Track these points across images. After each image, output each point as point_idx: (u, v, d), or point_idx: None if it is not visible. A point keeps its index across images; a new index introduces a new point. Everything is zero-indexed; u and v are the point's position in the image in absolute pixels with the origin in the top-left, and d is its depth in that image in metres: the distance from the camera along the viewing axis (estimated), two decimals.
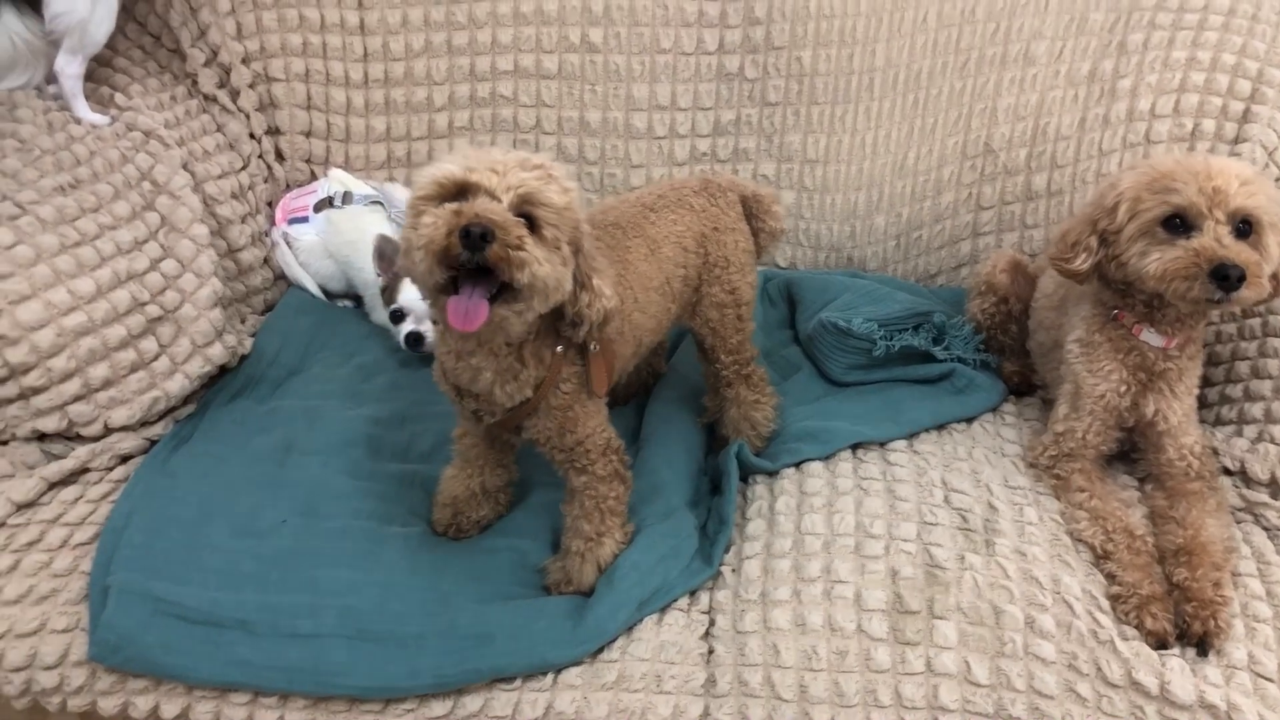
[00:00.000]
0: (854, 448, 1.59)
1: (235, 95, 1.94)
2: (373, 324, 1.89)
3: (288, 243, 1.92)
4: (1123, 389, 1.50)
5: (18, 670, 1.32)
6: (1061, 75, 1.97)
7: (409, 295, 1.72)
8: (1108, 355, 1.50)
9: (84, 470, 1.48)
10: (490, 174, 1.13)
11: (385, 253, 1.74)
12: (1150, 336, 1.47)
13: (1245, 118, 1.87)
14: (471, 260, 1.11)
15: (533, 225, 1.14)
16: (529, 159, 1.17)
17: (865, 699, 1.28)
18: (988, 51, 1.98)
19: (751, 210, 1.56)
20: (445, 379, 1.33)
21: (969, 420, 1.69)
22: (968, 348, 1.78)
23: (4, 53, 1.70)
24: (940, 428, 1.66)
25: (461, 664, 1.28)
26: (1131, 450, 1.59)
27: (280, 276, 1.92)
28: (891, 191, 2.03)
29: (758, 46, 1.99)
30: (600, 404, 1.36)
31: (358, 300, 1.97)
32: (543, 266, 1.13)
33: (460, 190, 1.14)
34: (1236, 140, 1.86)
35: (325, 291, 1.95)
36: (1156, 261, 1.39)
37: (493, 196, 1.13)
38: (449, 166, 1.15)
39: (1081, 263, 1.48)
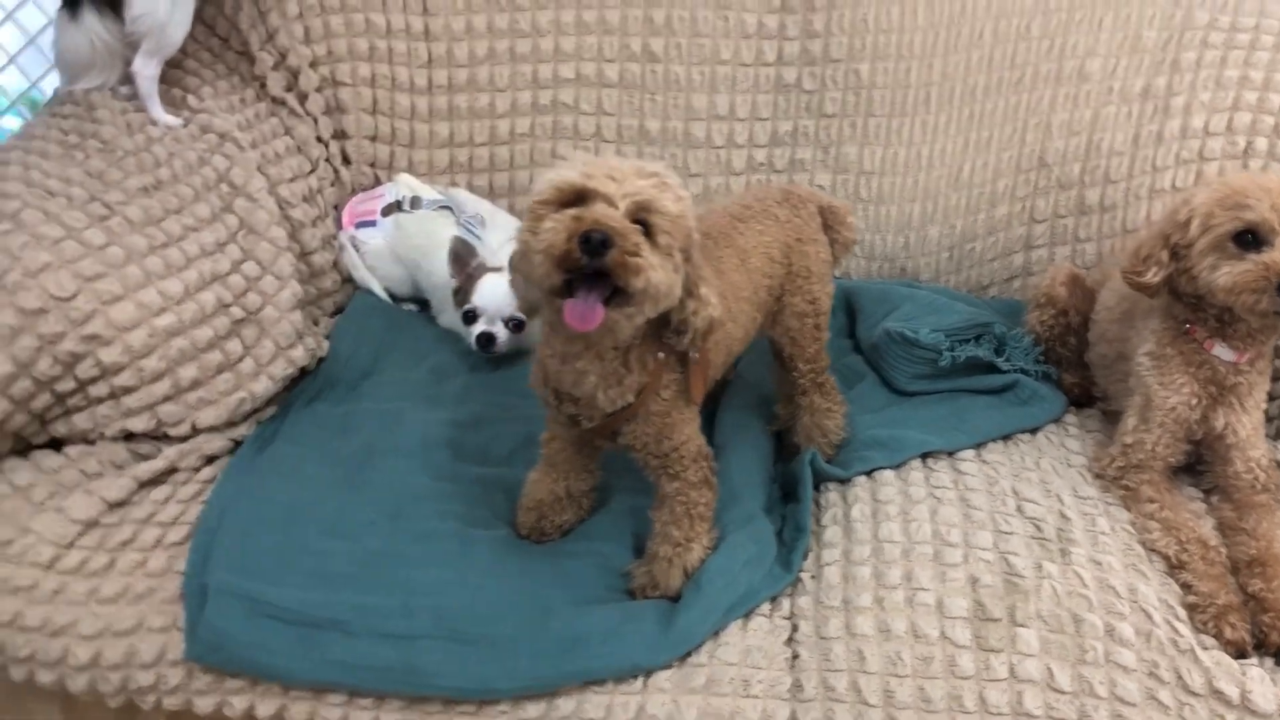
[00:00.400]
0: (923, 457, 1.61)
1: (303, 99, 1.95)
2: (440, 327, 1.91)
3: (355, 246, 1.93)
4: (1193, 402, 1.53)
5: (115, 668, 1.33)
6: (1115, 92, 2.01)
7: (483, 296, 1.74)
8: (1179, 369, 1.53)
9: (172, 470, 1.49)
10: (608, 181, 1.16)
11: (460, 255, 1.76)
12: (1222, 351, 1.51)
13: None
14: (589, 265, 1.13)
15: (647, 232, 1.16)
16: (644, 167, 1.19)
17: (950, 704, 1.29)
18: (1042, 68, 2.02)
19: (826, 221, 1.58)
20: (545, 383, 1.35)
21: (1033, 431, 1.71)
22: (1028, 359, 1.81)
23: (83, 53, 1.71)
24: (1006, 438, 1.68)
25: (556, 667, 1.30)
26: (1197, 463, 1.62)
27: (347, 279, 1.94)
28: (946, 204, 2.06)
29: (816, 59, 2.01)
30: (695, 411, 1.38)
31: (422, 304, 1.99)
32: (657, 273, 1.15)
33: (578, 196, 1.17)
34: None
35: (391, 295, 1.97)
36: (1226, 275, 1.43)
37: (610, 203, 1.15)
38: (568, 173, 1.17)
39: (1152, 276, 1.51)
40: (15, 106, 2.99)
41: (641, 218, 1.16)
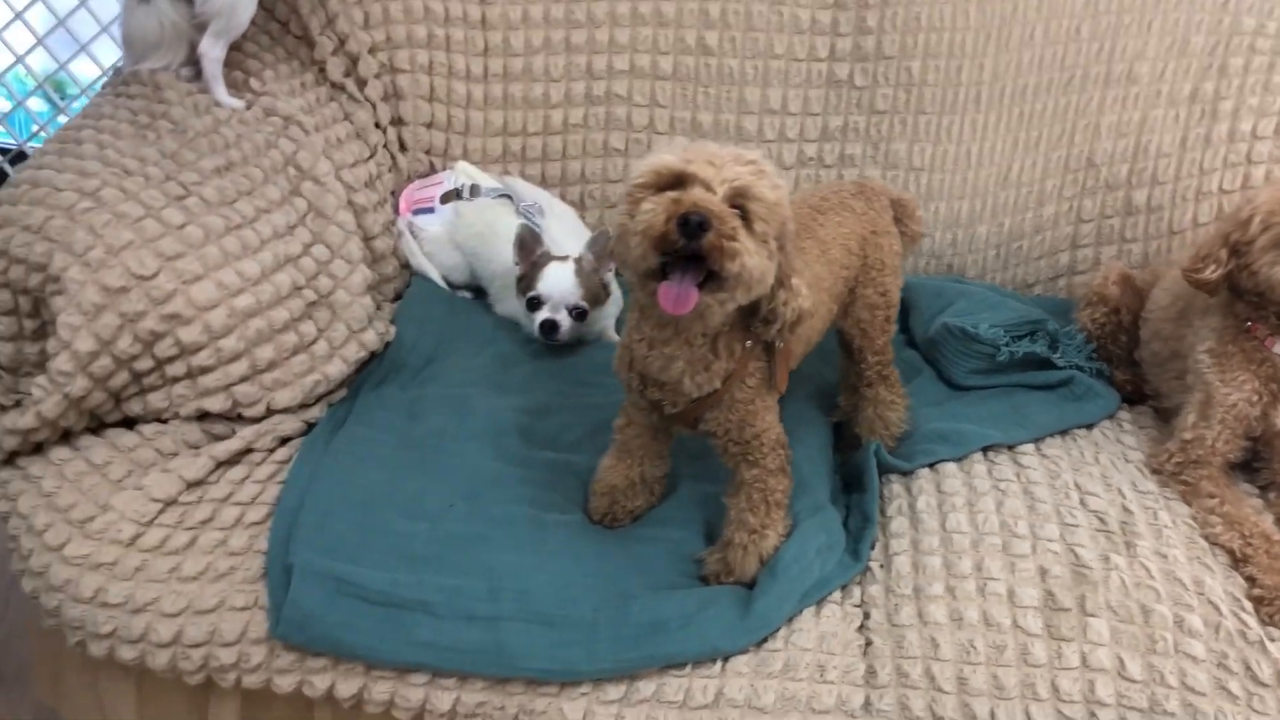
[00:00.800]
0: (984, 450, 1.63)
1: (362, 84, 1.95)
2: (497, 315, 1.92)
3: (412, 233, 1.93)
4: (1254, 399, 1.55)
5: (196, 646, 1.33)
6: (1163, 95, 2.04)
7: (548, 284, 1.75)
8: (1240, 366, 1.56)
9: (248, 450, 1.49)
10: (707, 166, 1.17)
11: (526, 242, 1.77)
12: None
13: None
14: (686, 248, 1.14)
15: (744, 218, 1.18)
16: (743, 154, 1.20)
17: (1024, 691, 1.31)
18: (1092, 70, 2.04)
19: (896, 215, 1.60)
20: (630, 367, 1.36)
21: (1089, 426, 1.73)
22: (1080, 356, 1.83)
23: (152, 34, 1.71)
24: (1063, 433, 1.70)
25: (637, 649, 1.31)
26: (1253, 459, 1.65)
27: (404, 266, 1.94)
28: (995, 202, 2.08)
29: (868, 55, 2.03)
30: (776, 400, 1.39)
31: (477, 291, 2.00)
32: (752, 258, 1.17)
33: (677, 180, 1.18)
34: None
35: (447, 282, 1.97)
36: None
37: (708, 188, 1.16)
38: (667, 157, 1.19)
39: (1211, 273, 1.54)
40: (42, 88, 2.98)
41: (739, 204, 1.17)
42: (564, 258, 1.77)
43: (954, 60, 2.02)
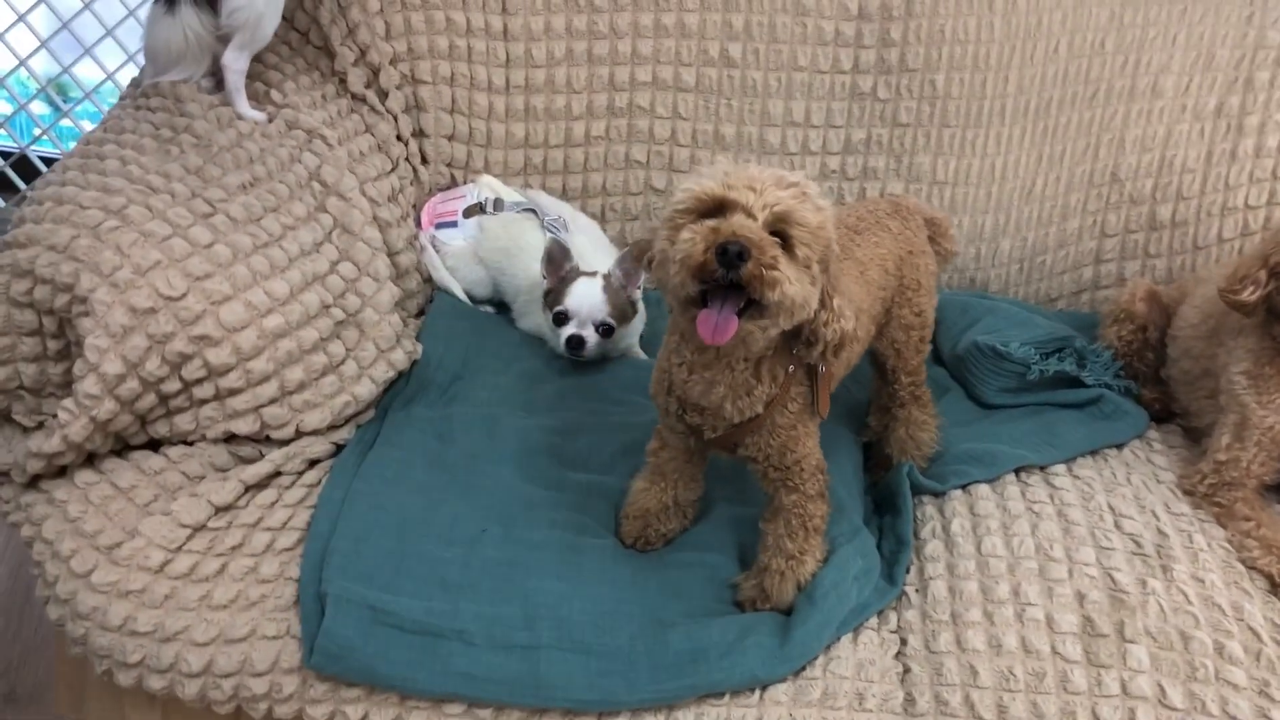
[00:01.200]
0: (1016, 471, 1.62)
1: (383, 96, 1.93)
2: (521, 331, 1.90)
3: (435, 247, 1.91)
4: None
5: (227, 676, 1.31)
6: (1188, 110, 2.03)
7: (575, 299, 1.73)
8: (1279, 388, 1.55)
9: (276, 474, 1.47)
10: (748, 191, 1.15)
11: (555, 257, 1.75)
12: None
13: None
14: (725, 277, 1.13)
15: (785, 243, 1.16)
16: (784, 176, 1.18)
17: (1064, 719, 1.30)
18: (1116, 83, 2.03)
19: (930, 233, 1.59)
20: (668, 391, 1.34)
21: (1119, 446, 1.73)
22: (1108, 373, 1.82)
23: (176, 45, 1.68)
24: (1094, 453, 1.69)
25: (677, 679, 1.29)
26: None
27: (427, 280, 1.91)
28: (1018, 216, 2.07)
29: (891, 68, 2.01)
30: (817, 425, 1.38)
31: (499, 306, 1.97)
32: (793, 286, 1.15)
33: (718, 206, 1.16)
34: None
35: (470, 296, 1.95)
36: None
37: (749, 214, 1.14)
38: (708, 182, 1.17)
39: (1249, 295, 1.53)
40: (45, 91, 2.95)
41: (780, 229, 1.15)
42: (592, 274, 1.75)
43: (978, 73, 2.00)
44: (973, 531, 1.50)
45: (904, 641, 1.39)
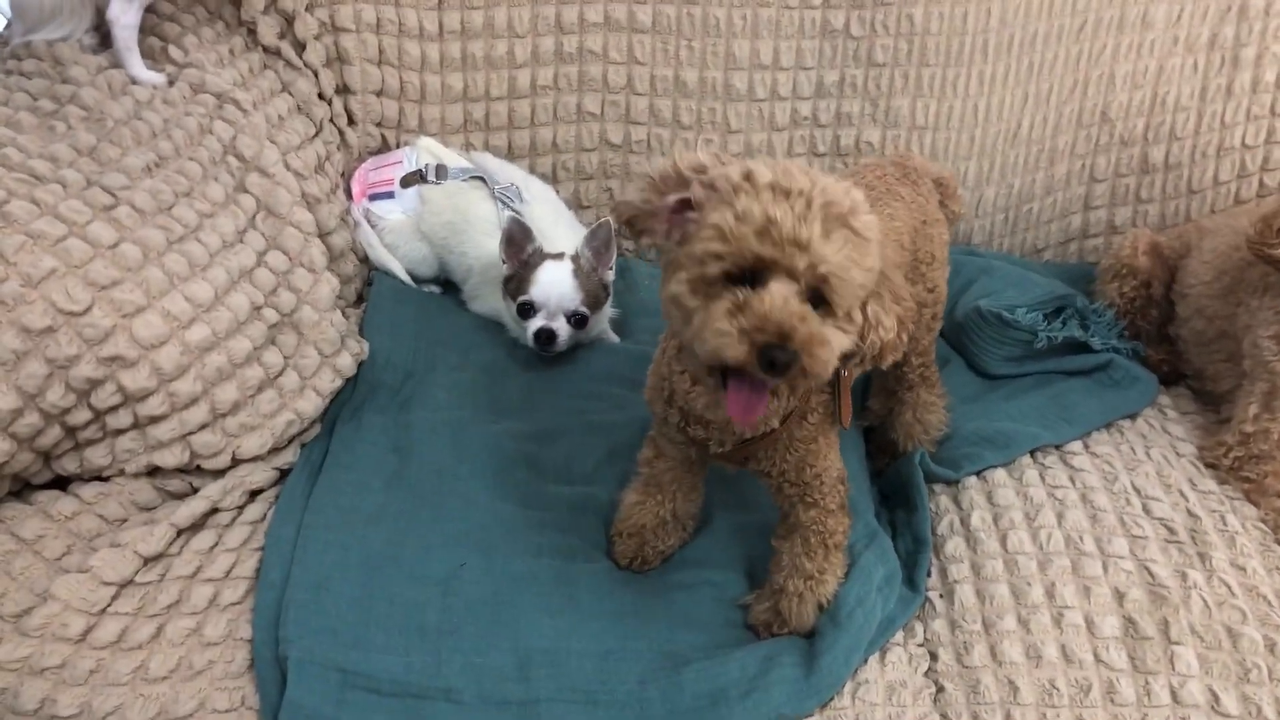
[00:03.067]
0: (1032, 452, 1.50)
1: (300, 48, 1.67)
2: (473, 314, 1.69)
3: (370, 222, 1.68)
4: None
5: None
6: (1180, 41, 1.89)
7: (542, 288, 1.53)
8: None
9: (213, 511, 1.25)
10: (793, 250, 0.93)
11: (515, 237, 1.53)
12: None
13: None
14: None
15: (827, 300, 0.97)
16: (833, 203, 0.95)
17: None
18: (1105, 14, 1.88)
19: (938, 194, 1.42)
20: (668, 402, 1.16)
21: (1132, 416, 1.61)
22: (1112, 334, 1.70)
23: None
24: (1108, 425, 1.58)
25: None
26: None
27: (362, 260, 1.68)
28: (1003, 161, 1.92)
29: (865, 2, 1.82)
30: (837, 435, 1.22)
31: (445, 285, 1.76)
32: (833, 351, 0.97)
33: (755, 261, 0.95)
34: None
35: (412, 276, 1.72)
36: None
37: (792, 276, 0.94)
38: (748, 235, 0.94)
39: None
40: None
41: (824, 290, 0.96)
42: (559, 256, 1.55)
43: (959, 5, 1.82)
44: (995, 525, 1.38)
45: (934, 656, 1.26)
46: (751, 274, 0.95)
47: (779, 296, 0.93)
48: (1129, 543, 1.34)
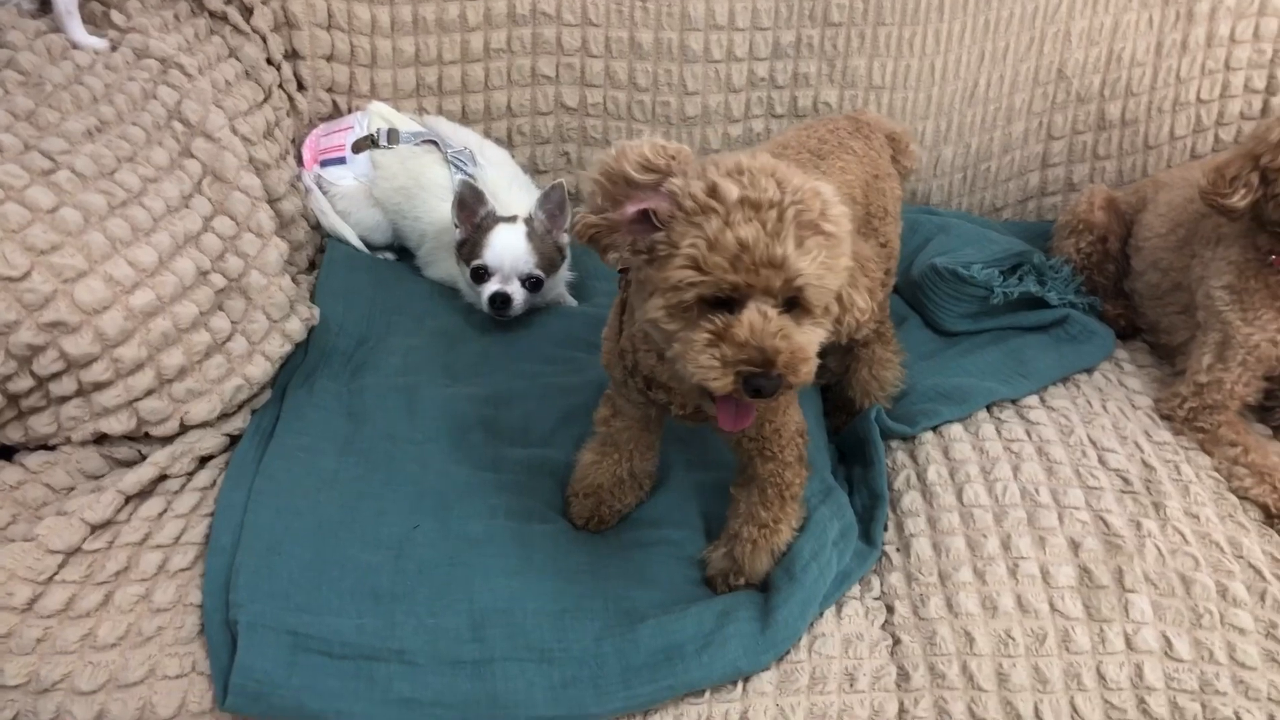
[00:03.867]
0: (988, 406, 1.50)
1: (248, 13, 1.65)
2: (428, 279, 1.67)
3: (322, 188, 1.66)
4: (1278, 336, 1.44)
5: None
6: None
7: (495, 252, 1.51)
8: (1265, 303, 1.44)
9: (162, 478, 1.24)
10: (769, 273, 0.93)
11: (468, 202, 1.52)
12: None
13: None
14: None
15: (803, 302, 0.97)
16: (804, 209, 0.93)
17: (1068, 683, 1.20)
18: None
19: (891, 151, 1.42)
20: (628, 370, 1.15)
21: (1089, 370, 1.62)
22: (1070, 290, 1.70)
23: None
24: (1065, 379, 1.58)
25: (652, 681, 1.14)
26: (1266, 399, 1.55)
27: (315, 227, 1.67)
28: (961, 120, 1.92)
29: None
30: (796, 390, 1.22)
31: (400, 251, 1.74)
32: (813, 352, 0.98)
33: (731, 288, 0.95)
34: None
35: (365, 243, 1.71)
36: None
37: (768, 294, 0.94)
38: (722, 264, 0.92)
39: (1240, 199, 1.40)
40: None
41: (798, 296, 0.96)
42: (512, 219, 1.54)
43: None
44: (951, 479, 1.39)
45: (890, 609, 1.27)
46: (729, 297, 0.95)
47: (758, 322, 0.94)
48: (1084, 494, 1.35)
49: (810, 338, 0.98)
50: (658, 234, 0.96)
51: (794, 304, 0.96)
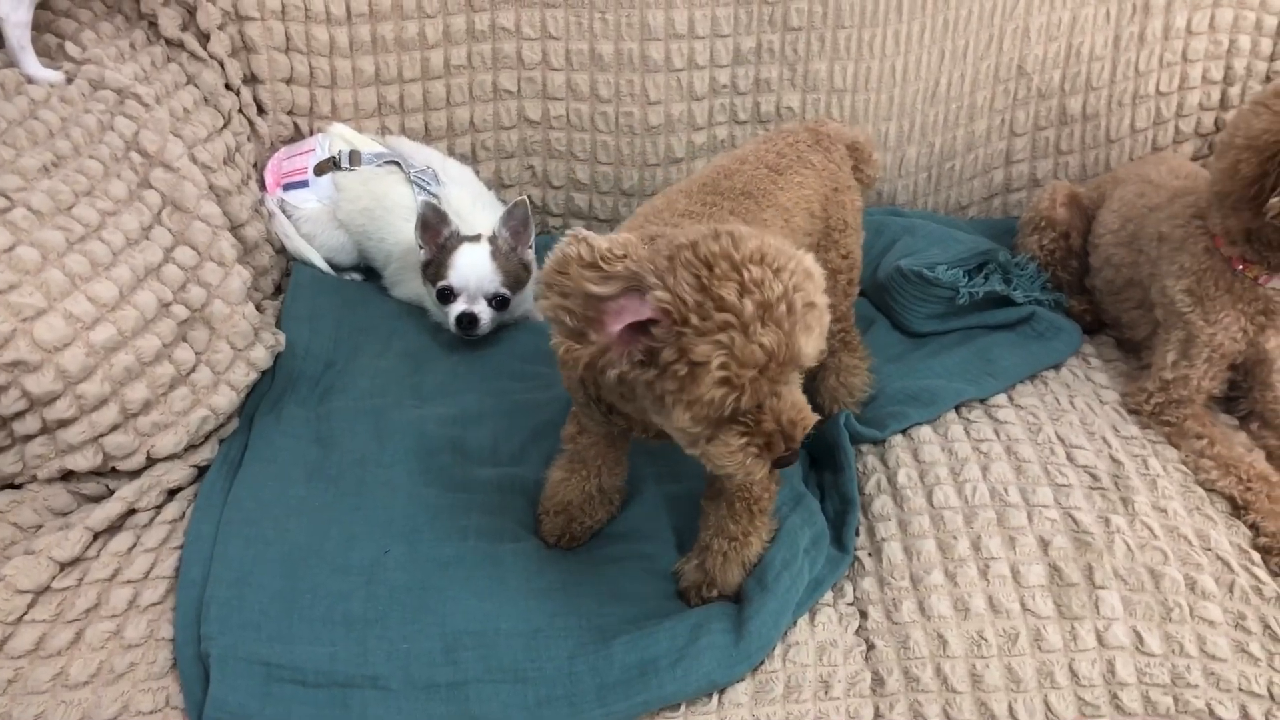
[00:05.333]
0: (957, 408, 1.51)
1: (204, 39, 1.64)
2: (396, 299, 1.67)
3: (285, 212, 1.65)
4: (1240, 335, 1.46)
5: None
6: None
7: (460, 273, 1.51)
8: (1227, 305, 1.45)
9: (130, 512, 1.24)
10: (789, 368, 0.95)
11: (430, 221, 1.52)
12: (1278, 283, 1.43)
13: None
14: None
15: None
16: (803, 292, 0.93)
17: (1041, 681, 1.20)
18: None
19: (852, 160, 1.42)
20: (595, 400, 1.15)
21: (1056, 366, 1.63)
22: (1035, 287, 1.71)
23: None
24: (1032, 377, 1.59)
25: (627, 697, 1.14)
26: (1231, 389, 1.56)
27: (279, 251, 1.66)
28: (923, 120, 1.92)
29: None
30: None
31: (367, 272, 1.74)
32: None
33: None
34: (1273, 57, 1.84)
35: (332, 265, 1.71)
36: None
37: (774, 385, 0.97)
38: (754, 378, 0.92)
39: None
40: None
41: None
42: (476, 238, 1.53)
43: None
44: (921, 481, 1.39)
45: (864, 615, 1.27)
46: None
47: (789, 409, 1.00)
48: (1053, 491, 1.36)
49: (799, 389, 1.03)
50: (657, 345, 0.94)
51: None
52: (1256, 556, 1.32)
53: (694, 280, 0.91)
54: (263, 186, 1.68)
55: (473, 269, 1.52)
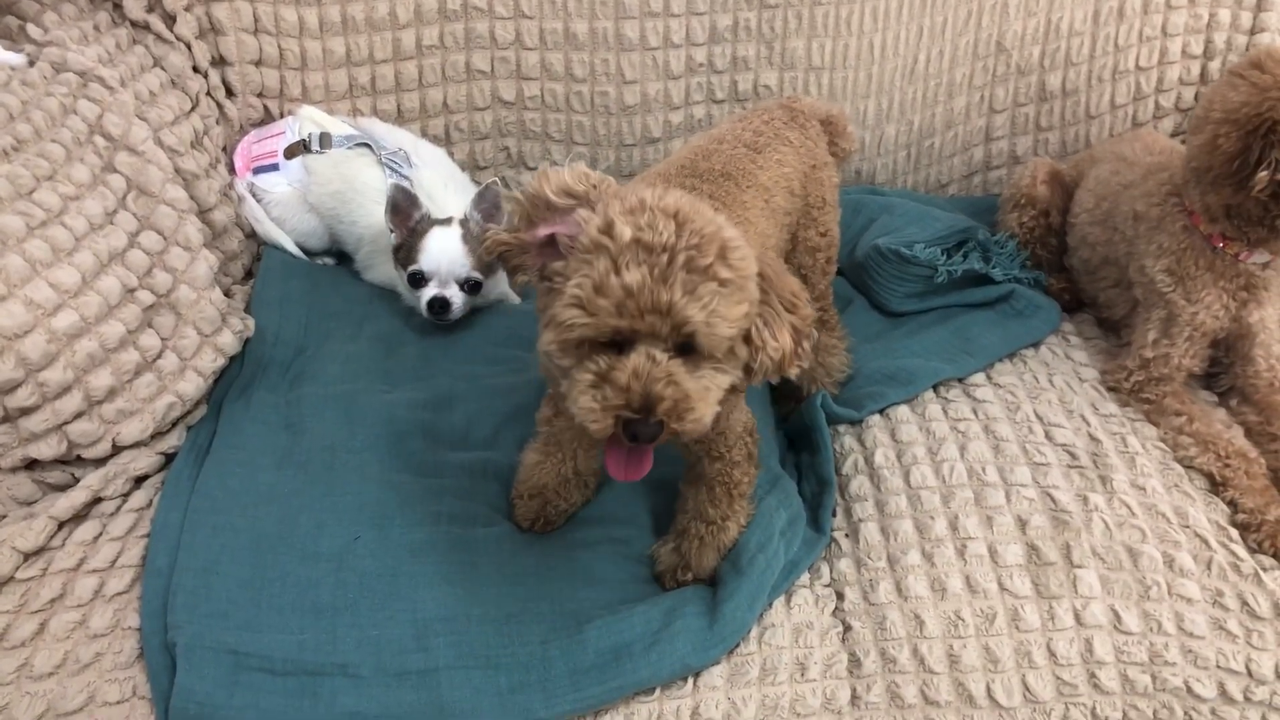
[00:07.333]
0: (935, 387, 1.50)
1: (170, 21, 1.62)
2: (368, 283, 1.65)
3: (255, 196, 1.63)
4: (1222, 311, 1.45)
5: None
6: None
7: (431, 257, 1.49)
8: (1208, 283, 1.44)
9: (96, 501, 1.22)
10: (654, 319, 0.92)
11: (401, 206, 1.50)
12: (1260, 256, 1.42)
13: (1260, 5, 1.83)
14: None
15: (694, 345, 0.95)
16: (698, 254, 0.91)
17: (1019, 661, 1.20)
18: None
19: (827, 135, 1.41)
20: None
21: (1035, 345, 1.61)
22: (1014, 265, 1.70)
23: None
24: (1011, 355, 1.58)
25: (600, 682, 1.13)
26: (1211, 365, 1.55)
27: (250, 235, 1.64)
28: (902, 98, 1.91)
29: None
30: (744, 391, 1.20)
31: (339, 256, 1.72)
32: (707, 408, 0.97)
33: (614, 333, 0.94)
34: (1253, 30, 1.83)
35: (303, 249, 1.69)
36: None
37: (658, 339, 0.93)
38: (606, 308, 0.91)
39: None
40: None
41: (690, 341, 0.95)
42: (447, 221, 1.52)
43: None
44: (898, 461, 1.39)
45: (840, 596, 1.27)
46: (617, 339, 0.93)
47: (643, 366, 0.92)
48: (1031, 470, 1.36)
49: (705, 384, 0.96)
50: (558, 263, 0.95)
51: (689, 349, 0.94)
52: (1234, 533, 1.32)
53: (603, 210, 0.93)
54: (232, 170, 1.66)
55: (444, 253, 1.50)
